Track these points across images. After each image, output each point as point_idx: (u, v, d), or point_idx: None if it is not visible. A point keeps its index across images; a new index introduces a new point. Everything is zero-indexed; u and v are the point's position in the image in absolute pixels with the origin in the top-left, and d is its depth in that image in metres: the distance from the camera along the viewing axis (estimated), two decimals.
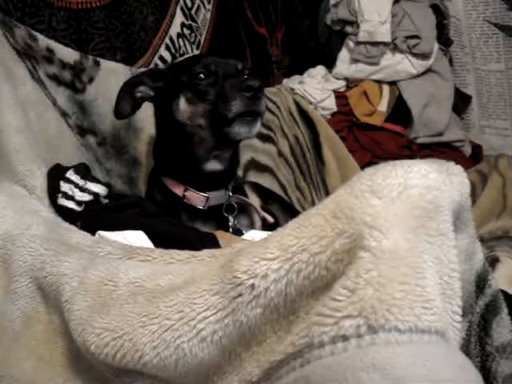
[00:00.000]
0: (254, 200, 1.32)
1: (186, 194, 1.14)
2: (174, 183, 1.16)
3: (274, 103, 2.09)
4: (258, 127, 1.07)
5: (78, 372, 0.71)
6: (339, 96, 2.34)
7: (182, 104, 1.11)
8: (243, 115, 1.03)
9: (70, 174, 1.02)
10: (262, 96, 1.05)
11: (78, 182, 1.01)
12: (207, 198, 1.13)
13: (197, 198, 1.14)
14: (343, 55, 2.38)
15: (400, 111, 2.36)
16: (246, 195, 1.28)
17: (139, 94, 1.17)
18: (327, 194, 2.00)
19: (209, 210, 1.14)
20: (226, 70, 1.10)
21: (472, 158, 2.50)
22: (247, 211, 1.24)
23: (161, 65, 1.69)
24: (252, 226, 1.22)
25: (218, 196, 1.15)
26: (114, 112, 1.18)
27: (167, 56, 1.75)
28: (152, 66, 1.66)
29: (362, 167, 1.85)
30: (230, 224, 1.14)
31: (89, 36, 1.45)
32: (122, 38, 1.56)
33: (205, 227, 1.10)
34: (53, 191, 1.01)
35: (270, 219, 1.26)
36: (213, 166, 1.14)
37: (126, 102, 1.17)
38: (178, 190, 1.15)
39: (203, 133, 1.09)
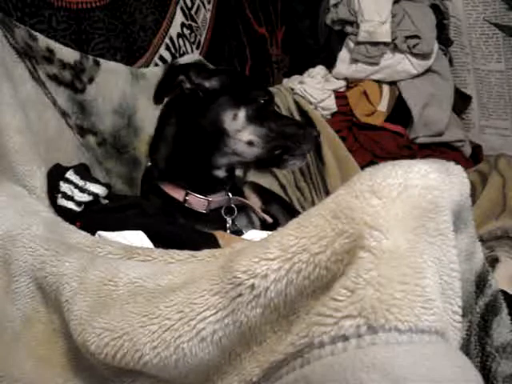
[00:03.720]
0: (254, 201, 1.32)
1: (187, 198, 1.13)
2: (173, 188, 1.14)
3: (274, 103, 2.08)
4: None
5: (78, 372, 0.71)
6: (339, 96, 2.34)
7: (242, 118, 1.12)
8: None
9: (70, 175, 1.02)
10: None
11: (78, 182, 1.01)
12: (209, 201, 1.13)
13: (199, 202, 1.13)
14: (343, 55, 2.38)
15: (400, 111, 2.36)
16: (244, 195, 1.28)
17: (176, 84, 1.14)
18: (327, 194, 2.00)
19: (209, 213, 1.14)
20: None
21: (472, 158, 2.49)
22: (246, 212, 1.24)
23: (161, 65, 1.68)
24: (251, 227, 1.22)
25: (219, 199, 1.15)
26: (154, 96, 1.15)
27: (167, 56, 1.74)
28: (152, 66, 1.66)
29: (362, 167, 1.85)
30: (228, 226, 1.14)
31: (89, 36, 1.45)
32: (122, 38, 1.56)
33: (205, 230, 1.10)
34: (52, 191, 1.01)
35: (269, 220, 1.26)
36: (221, 171, 1.17)
37: (166, 86, 1.14)
38: (178, 195, 1.13)
39: (248, 149, 1.13)
